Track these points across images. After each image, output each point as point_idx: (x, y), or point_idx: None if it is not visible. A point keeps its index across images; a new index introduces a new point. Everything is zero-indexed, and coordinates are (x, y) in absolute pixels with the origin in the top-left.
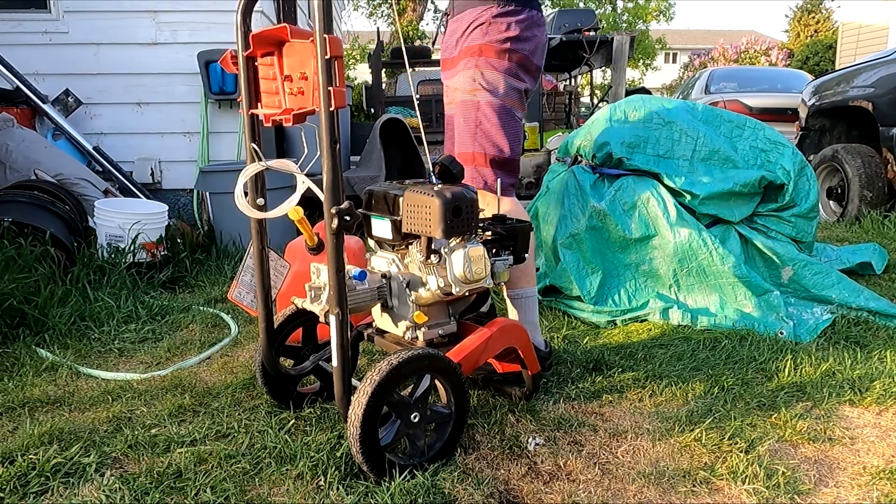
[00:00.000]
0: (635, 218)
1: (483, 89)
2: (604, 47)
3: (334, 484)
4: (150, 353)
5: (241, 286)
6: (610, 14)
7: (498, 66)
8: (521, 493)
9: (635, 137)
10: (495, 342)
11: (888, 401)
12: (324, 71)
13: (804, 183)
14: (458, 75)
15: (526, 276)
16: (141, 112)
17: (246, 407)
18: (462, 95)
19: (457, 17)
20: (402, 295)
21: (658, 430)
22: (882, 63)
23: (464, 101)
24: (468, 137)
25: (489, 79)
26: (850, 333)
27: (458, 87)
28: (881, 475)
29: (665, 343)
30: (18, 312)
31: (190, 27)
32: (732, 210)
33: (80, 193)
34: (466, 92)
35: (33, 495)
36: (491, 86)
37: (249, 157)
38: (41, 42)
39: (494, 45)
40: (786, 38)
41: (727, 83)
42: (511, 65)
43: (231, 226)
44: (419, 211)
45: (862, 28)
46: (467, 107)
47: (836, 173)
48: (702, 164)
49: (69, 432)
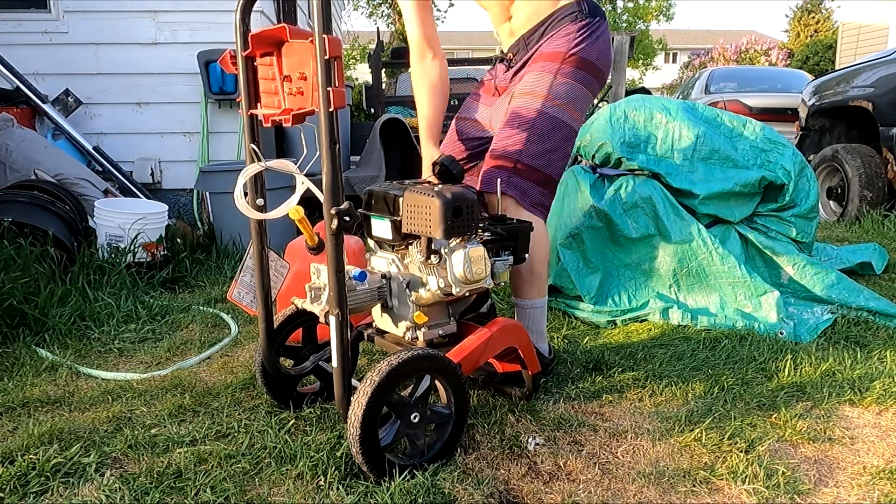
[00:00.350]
0: (635, 218)
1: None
2: None
3: (334, 484)
4: (150, 353)
5: (240, 286)
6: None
7: (575, 77)
8: (521, 493)
9: (635, 137)
10: (495, 342)
11: (888, 401)
12: (323, 71)
13: (804, 183)
14: (528, 76)
15: (536, 287)
16: (141, 112)
17: (246, 407)
18: (522, 100)
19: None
20: (402, 295)
21: (658, 430)
22: (882, 63)
23: (521, 104)
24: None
25: (563, 89)
26: (850, 333)
27: (517, 91)
28: (881, 475)
29: (665, 343)
30: (18, 312)
31: (190, 27)
32: (732, 210)
33: (80, 193)
34: (534, 96)
35: (33, 495)
36: (558, 94)
37: (249, 158)
38: (41, 42)
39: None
40: (786, 38)
41: (727, 83)
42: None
43: (231, 226)
44: (419, 211)
45: (862, 28)
46: (527, 110)
47: (836, 173)
48: (702, 164)
49: (69, 432)
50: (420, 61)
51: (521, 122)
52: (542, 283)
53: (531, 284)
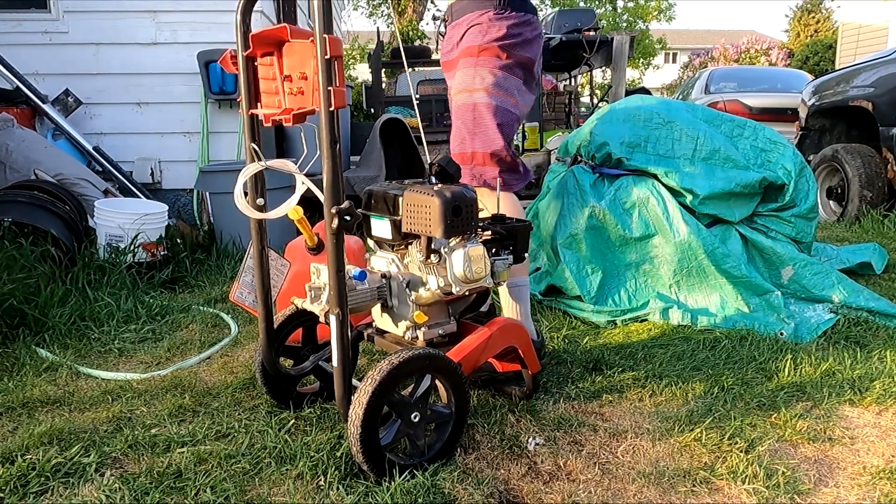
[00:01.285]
0: (635, 218)
1: (479, 89)
2: (604, 47)
3: (334, 484)
4: (150, 353)
5: (242, 287)
6: (610, 14)
7: (494, 65)
8: (521, 493)
9: (635, 137)
10: (495, 342)
11: (888, 401)
12: (323, 71)
13: (804, 183)
14: (457, 75)
15: (521, 267)
16: (141, 112)
17: (246, 407)
18: (459, 97)
19: (455, 22)
20: (402, 295)
21: (658, 430)
22: (882, 63)
23: (461, 102)
24: (466, 136)
25: (485, 77)
26: (850, 333)
27: (456, 88)
28: (881, 475)
29: (665, 343)
30: (18, 312)
31: (190, 27)
32: (732, 210)
33: (80, 193)
34: (463, 92)
35: (33, 495)
36: (486, 84)
37: (249, 158)
38: (41, 42)
39: (491, 44)
40: (786, 38)
41: (727, 83)
42: (508, 62)
43: (231, 226)
44: (419, 211)
45: (862, 28)
46: (464, 107)
47: (836, 173)
48: (702, 164)
49: (69, 432)
50: None
51: (464, 118)
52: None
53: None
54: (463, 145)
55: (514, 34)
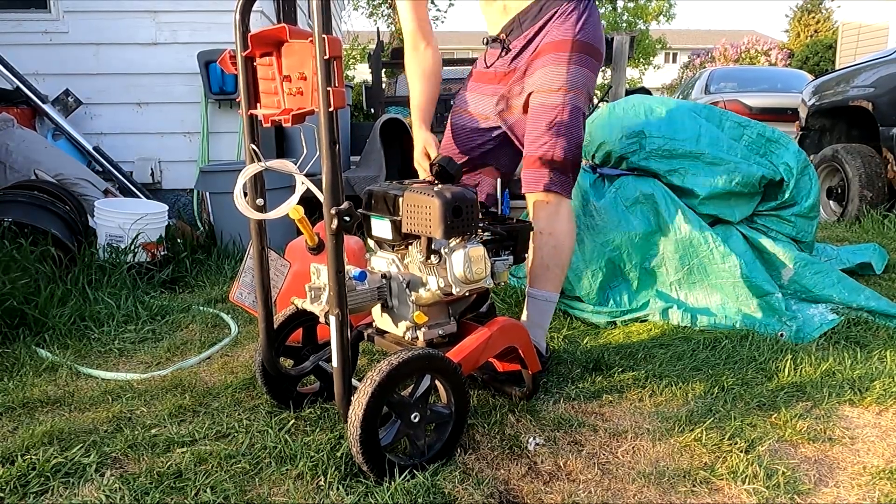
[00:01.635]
0: (636, 216)
1: (569, 89)
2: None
3: (334, 484)
4: (150, 353)
5: (242, 287)
6: (610, 14)
7: (582, 62)
8: (521, 493)
9: (635, 137)
10: (495, 342)
11: (888, 401)
12: (323, 71)
13: (805, 182)
14: (538, 73)
15: (554, 281)
16: (141, 112)
17: (246, 407)
18: (544, 97)
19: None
20: (402, 295)
21: (658, 430)
22: (882, 63)
23: (545, 102)
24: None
25: (577, 77)
26: (850, 333)
27: (536, 88)
28: (881, 475)
29: (665, 343)
30: (18, 312)
31: (190, 27)
32: (733, 210)
33: (80, 193)
34: (551, 91)
35: (33, 495)
36: (574, 84)
37: (248, 158)
38: (41, 42)
39: (577, 39)
40: (786, 38)
41: (727, 83)
42: (590, 59)
43: (231, 226)
44: (419, 211)
45: (862, 28)
46: (550, 107)
47: (836, 173)
48: (702, 163)
49: (69, 432)
50: (414, 51)
51: (549, 118)
52: (560, 279)
53: (552, 276)
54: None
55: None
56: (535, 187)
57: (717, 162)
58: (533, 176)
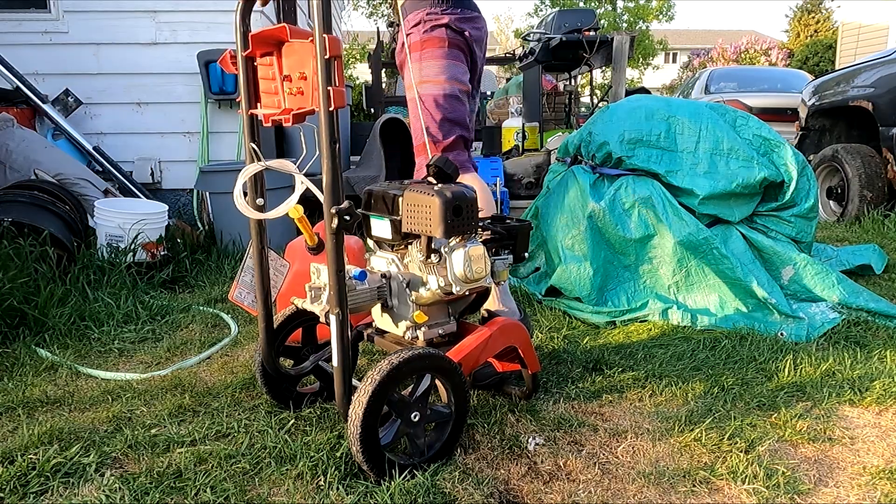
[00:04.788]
0: (635, 218)
1: (425, 81)
2: (604, 47)
3: (334, 484)
4: (150, 353)
5: (241, 287)
6: (610, 14)
7: (436, 55)
8: (521, 493)
9: (637, 130)
10: (495, 341)
11: (888, 401)
12: (323, 71)
13: (804, 182)
14: (405, 73)
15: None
16: (141, 112)
17: (246, 407)
18: (409, 92)
19: (405, 19)
20: (402, 295)
21: (658, 430)
22: (882, 63)
23: (410, 97)
24: (419, 130)
25: (429, 68)
26: (850, 333)
27: (406, 85)
28: (881, 475)
29: (665, 343)
30: (18, 312)
31: (190, 27)
32: (732, 210)
33: (80, 193)
34: (413, 86)
35: (33, 495)
36: (430, 76)
37: (249, 158)
38: (41, 42)
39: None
40: (786, 38)
41: (727, 83)
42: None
43: (231, 226)
44: (419, 210)
45: (862, 28)
46: (414, 102)
47: (836, 173)
48: (706, 156)
49: (69, 432)
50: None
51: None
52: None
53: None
54: (417, 139)
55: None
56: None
57: (718, 156)
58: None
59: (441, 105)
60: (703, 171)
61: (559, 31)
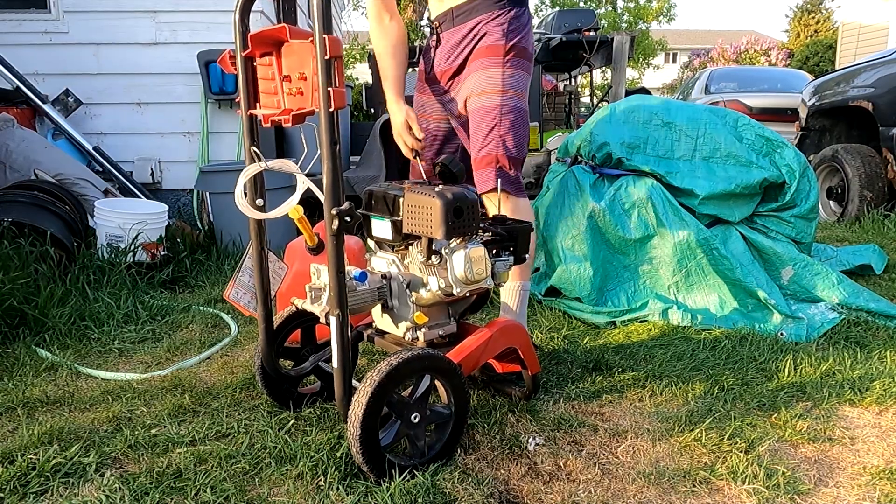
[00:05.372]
0: (634, 218)
1: (511, 92)
2: (604, 47)
3: (334, 484)
4: (150, 353)
5: (237, 286)
6: (610, 14)
7: (524, 66)
8: (521, 493)
9: (635, 137)
10: (495, 343)
11: (888, 401)
12: (323, 71)
13: (805, 183)
14: (473, 77)
15: (525, 270)
16: (141, 112)
17: (246, 407)
18: (482, 99)
19: (457, 27)
20: (402, 296)
21: (658, 430)
22: (882, 63)
23: (483, 104)
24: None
25: (515, 79)
26: (850, 333)
27: (472, 92)
28: (881, 475)
29: (665, 343)
30: (18, 312)
31: (190, 27)
32: (732, 210)
33: (80, 193)
34: (489, 93)
35: (33, 495)
36: (518, 87)
37: (249, 158)
38: (41, 42)
39: (522, 48)
40: (786, 38)
41: (727, 83)
42: (525, 62)
43: (231, 226)
44: (420, 212)
45: (862, 28)
46: (484, 110)
47: (836, 173)
48: (703, 163)
49: (69, 432)
50: (379, 24)
51: (488, 119)
52: (529, 266)
53: (530, 265)
54: (486, 148)
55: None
56: (486, 187)
57: (717, 160)
58: (482, 177)
59: (523, 121)
60: (702, 175)
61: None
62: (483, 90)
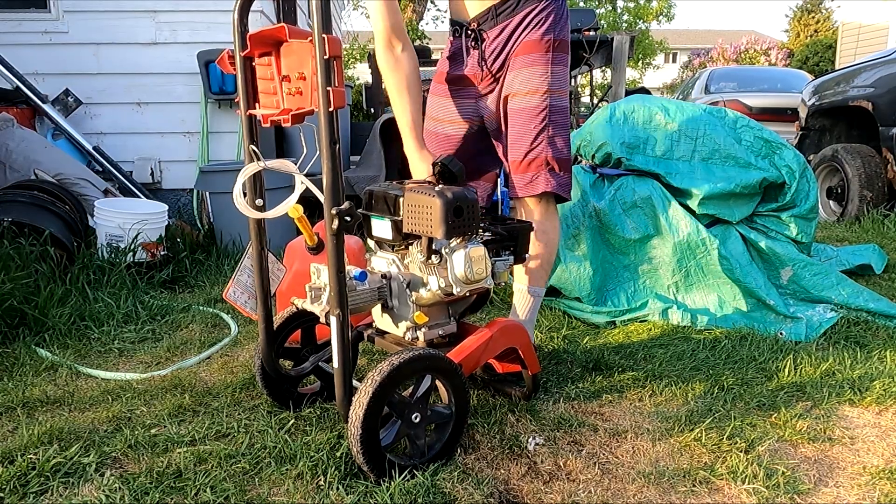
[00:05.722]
0: (634, 218)
1: (557, 91)
2: (604, 47)
3: (334, 484)
4: (150, 353)
5: (236, 286)
6: (610, 14)
7: (565, 62)
8: (521, 493)
9: (635, 138)
10: (496, 342)
11: (888, 401)
12: (323, 71)
13: (804, 184)
14: (518, 74)
15: (544, 278)
16: (141, 112)
17: (246, 407)
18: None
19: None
20: (402, 295)
21: (658, 430)
22: (882, 63)
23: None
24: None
25: (559, 77)
26: (850, 333)
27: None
28: (881, 475)
29: (665, 343)
30: (18, 312)
31: (190, 27)
32: (732, 210)
33: (80, 193)
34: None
35: (33, 495)
36: (562, 86)
37: (248, 158)
38: (41, 42)
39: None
40: (786, 38)
41: (727, 83)
42: (566, 56)
43: (231, 226)
44: (420, 211)
45: (862, 28)
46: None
47: (836, 173)
48: (702, 164)
49: (69, 432)
50: (389, 53)
51: (536, 120)
52: (548, 275)
53: (544, 272)
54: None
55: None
56: (531, 190)
57: (717, 161)
58: (527, 180)
59: (567, 121)
60: (701, 176)
61: None
62: (529, 90)
